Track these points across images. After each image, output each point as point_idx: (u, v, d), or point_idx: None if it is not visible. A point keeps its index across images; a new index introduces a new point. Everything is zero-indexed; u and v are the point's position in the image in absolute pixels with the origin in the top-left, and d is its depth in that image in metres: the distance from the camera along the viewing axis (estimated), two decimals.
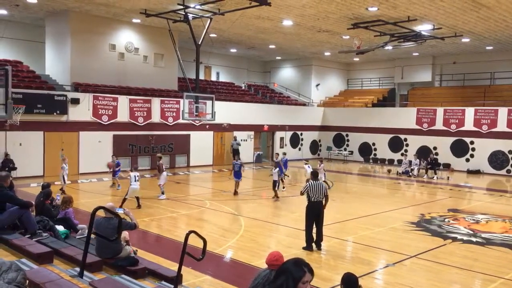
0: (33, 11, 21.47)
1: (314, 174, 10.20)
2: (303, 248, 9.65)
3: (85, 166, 20.86)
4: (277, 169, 16.23)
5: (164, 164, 16.88)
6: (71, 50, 21.79)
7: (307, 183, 9.88)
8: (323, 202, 9.86)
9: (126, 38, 23.72)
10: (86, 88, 21.67)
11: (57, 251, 6.83)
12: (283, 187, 17.72)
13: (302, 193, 10.02)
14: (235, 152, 25.33)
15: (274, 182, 16.01)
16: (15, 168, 17.84)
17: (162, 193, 15.22)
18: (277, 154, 20.01)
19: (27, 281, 4.30)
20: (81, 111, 20.74)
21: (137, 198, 13.56)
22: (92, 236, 6.44)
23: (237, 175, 16.44)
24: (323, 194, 9.81)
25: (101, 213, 7.06)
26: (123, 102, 22.15)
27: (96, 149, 21.22)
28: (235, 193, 16.40)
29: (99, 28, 22.49)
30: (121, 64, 23.61)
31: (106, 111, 21.61)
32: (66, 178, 16.02)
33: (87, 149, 20.98)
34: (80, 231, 8.77)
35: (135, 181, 13.35)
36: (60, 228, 8.30)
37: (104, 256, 6.77)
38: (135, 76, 24.16)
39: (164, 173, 15.44)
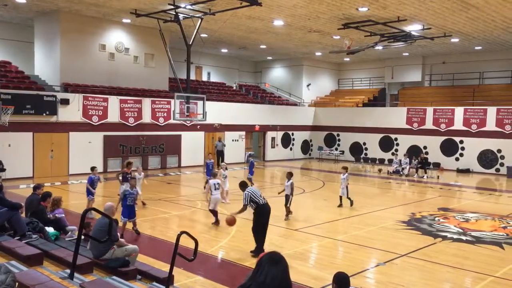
0: (22, 11, 21.27)
1: (243, 184, 9.75)
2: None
3: (75, 167, 20.70)
4: (291, 181, 12.75)
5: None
6: (60, 50, 21.61)
7: (244, 193, 9.30)
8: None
9: (116, 38, 23.59)
10: (76, 89, 21.51)
11: (47, 253, 6.77)
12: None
13: (246, 206, 9.25)
14: (219, 154, 25.11)
15: (287, 197, 12.79)
16: (4, 170, 17.67)
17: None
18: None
19: (17, 284, 4.26)
20: (71, 112, 20.59)
21: (215, 212, 11.85)
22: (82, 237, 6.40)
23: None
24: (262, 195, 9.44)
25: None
26: (114, 102, 22.02)
27: (86, 150, 21.09)
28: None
29: (89, 28, 22.33)
30: (111, 64, 23.47)
31: (96, 111, 21.47)
32: (139, 189, 13.50)
33: (77, 150, 20.84)
34: (69, 233, 8.70)
35: (215, 189, 11.44)
36: (50, 229, 8.24)
37: (93, 254, 6.79)
38: (126, 77, 24.03)
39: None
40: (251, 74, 37.52)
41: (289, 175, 12.96)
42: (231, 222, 9.17)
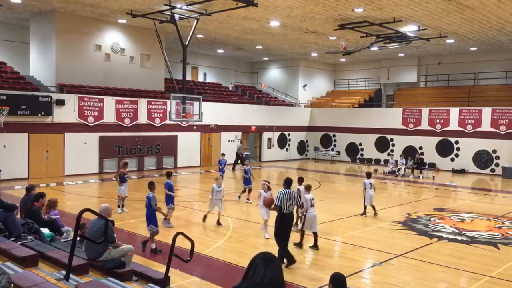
0: (17, 12, 21.19)
1: (286, 181, 8.88)
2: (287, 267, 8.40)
3: (71, 168, 20.65)
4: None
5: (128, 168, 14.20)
6: (56, 51, 21.54)
7: (280, 191, 8.57)
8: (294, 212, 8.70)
9: (112, 38, 23.53)
10: (72, 89, 21.45)
11: (42, 254, 6.75)
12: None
13: (277, 207, 8.44)
14: (238, 157, 24.91)
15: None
16: None
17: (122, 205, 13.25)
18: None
19: (12, 285, 4.24)
20: (66, 113, 20.52)
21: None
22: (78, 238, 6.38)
23: None
24: (294, 203, 8.72)
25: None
26: (109, 103, 21.96)
27: (82, 150, 21.02)
28: None
29: (84, 28, 22.27)
30: (107, 65, 23.41)
31: (92, 112, 21.41)
32: (221, 204, 11.99)
33: (73, 151, 20.77)
34: (64, 234, 8.67)
35: (312, 206, 9.93)
36: (45, 231, 8.20)
37: (89, 256, 6.75)
38: (121, 77, 23.97)
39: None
40: (247, 75, 37.52)
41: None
42: (269, 201, 8.78)
